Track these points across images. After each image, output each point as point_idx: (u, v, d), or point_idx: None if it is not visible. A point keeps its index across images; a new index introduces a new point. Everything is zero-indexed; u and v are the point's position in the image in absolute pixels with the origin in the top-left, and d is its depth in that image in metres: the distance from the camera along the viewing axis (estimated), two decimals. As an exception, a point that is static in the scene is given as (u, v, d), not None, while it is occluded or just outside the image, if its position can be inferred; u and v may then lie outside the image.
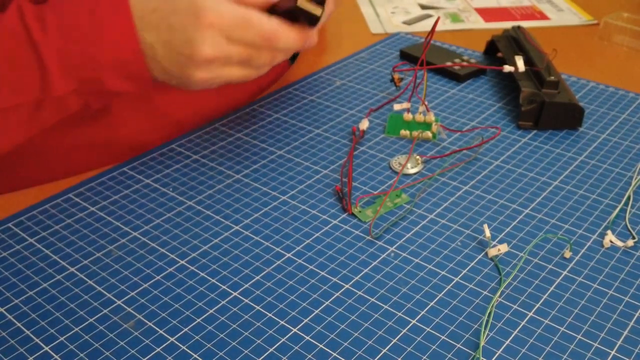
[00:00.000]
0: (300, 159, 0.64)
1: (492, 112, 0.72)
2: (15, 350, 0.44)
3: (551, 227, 0.55)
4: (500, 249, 0.51)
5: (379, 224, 0.55)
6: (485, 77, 0.80)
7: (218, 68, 0.53)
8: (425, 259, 0.52)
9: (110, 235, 0.54)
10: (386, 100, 0.74)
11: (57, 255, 0.52)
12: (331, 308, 0.47)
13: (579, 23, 0.98)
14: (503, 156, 0.64)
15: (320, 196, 0.59)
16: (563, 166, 0.63)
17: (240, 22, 0.52)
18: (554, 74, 0.70)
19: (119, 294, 0.48)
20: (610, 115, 0.71)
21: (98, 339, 0.45)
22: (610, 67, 0.84)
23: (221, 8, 0.51)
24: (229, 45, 0.52)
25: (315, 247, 0.53)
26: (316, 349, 0.44)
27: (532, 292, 0.48)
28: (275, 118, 0.71)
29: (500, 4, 1.06)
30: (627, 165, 0.63)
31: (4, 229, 0.55)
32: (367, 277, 0.50)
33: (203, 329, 0.45)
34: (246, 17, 0.52)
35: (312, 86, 0.78)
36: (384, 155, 0.64)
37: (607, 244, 0.53)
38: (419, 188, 0.60)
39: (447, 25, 0.97)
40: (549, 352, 0.44)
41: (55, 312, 0.47)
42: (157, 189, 0.59)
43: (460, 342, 0.44)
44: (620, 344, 0.44)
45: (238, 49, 0.53)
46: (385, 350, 0.44)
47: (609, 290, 0.49)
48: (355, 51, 0.87)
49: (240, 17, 0.52)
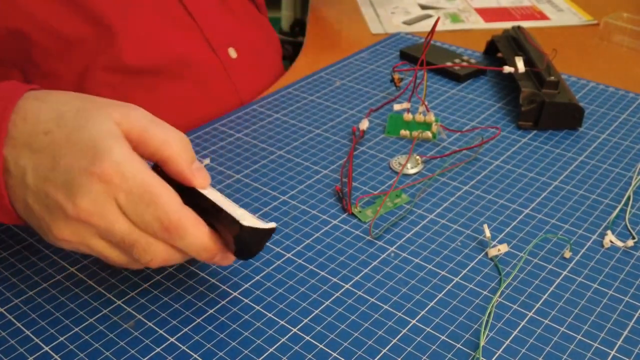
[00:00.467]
0: (300, 159, 0.64)
1: (492, 112, 0.72)
2: (15, 350, 0.44)
3: (551, 227, 0.55)
4: (500, 249, 0.51)
5: (379, 224, 0.55)
6: (485, 77, 0.80)
7: (90, 235, 0.42)
8: (425, 259, 0.52)
9: (110, 235, 0.54)
10: (386, 100, 0.74)
11: (57, 255, 0.52)
12: (331, 308, 0.47)
13: (579, 23, 0.98)
14: (503, 156, 0.64)
15: (320, 196, 0.59)
16: (563, 166, 0.63)
17: (143, 193, 0.41)
18: (554, 74, 0.70)
19: (119, 294, 0.48)
20: (610, 115, 0.71)
21: (98, 339, 0.45)
22: (610, 67, 0.84)
23: (126, 167, 0.41)
24: (115, 214, 0.41)
25: (315, 247, 0.53)
26: (316, 349, 0.44)
27: (532, 292, 0.48)
28: (275, 118, 0.71)
29: (500, 4, 1.06)
30: (627, 165, 0.63)
31: (4, 229, 0.55)
32: (367, 277, 0.50)
33: (203, 329, 0.45)
34: (154, 190, 0.41)
35: (312, 86, 0.78)
36: (384, 155, 0.64)
37: (607, 244, 0.53)
38: (419, 188, 0.60)
39: (447, 25, 0.97)
40: (549, 352, 0.44)
41: (55, 312, 0.47)
42: (157, 189, 0.59)
43: (460, 342, 0.44)
44: (620, 344, 0.44)
45: (125, 225, 0.41)
46: (385, 350, 0.44)
47: (609, 290, 0.49)
48: (355, 51, 0.87)
49: (146, 187, 0.41)
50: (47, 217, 0.42)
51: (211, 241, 0.43)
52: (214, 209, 0.44)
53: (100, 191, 0.40)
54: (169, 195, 0.42)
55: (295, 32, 1.49)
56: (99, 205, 0.41)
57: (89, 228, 0.41)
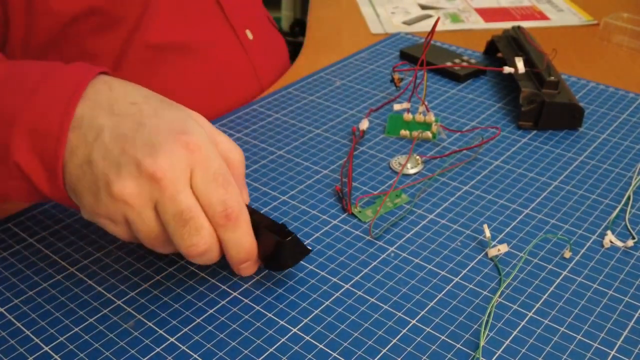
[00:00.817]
0: (300, 159, 0.64)
1: (492, 112, 0.72)
2: (15, 350, 0.44)
3: (551, 227, 0.55)
4: (500, 249, 0.51)
5: (379, 224, 0.55)
6: (485, 77, 0.80)
7: (149, 200, 0.42)
8: (425, 259, 0.51)
9: (110, 235, 0.54)
10: (386, 100, 0.74)
11: (57, 255, 0.52)
12: (331, 308, 0.47)
13: (579, 23, 0.98)
14: (503, 156, 0.64)
15: (320, 196, 0.59)
16: (563, 166, 0.63)
17: (218, 175, 0.43)
18: (554, 74, 0.70)
19: (119, 294, 0.48)
20: (610, 115, 0.71)
21: (98, 339, 0.45)
22: (610, 67, 0.84)
23: (210, 148, 0.43)
24: (185, 184, 0.42)
25: (315, 247, 0.53)
26: (316, 349, 0.44)
27: (532, 292, 0.48)
28: (275, 118, 0.71)
29: (500, 4, 1.06)
30: (627, 165, 0.63)
31: (4, 229, 0.55)
32: (367, 277, 0.50)
33: (203, 329, 0.45)
34: (228, 178, 0.43)
35: (312, 86, 0.78)
36: (384, 155, 0.64)
37: (607, 244, 0.53)
38: (419, 188, 0.60)
39: (447, 25, 0.97)
40: (549, 352, 0.44)
41: (55, 312, 0.47)
42: (157, 189, 0.59)
43: (460, 342, 0.44)
44: (620, 344, 0.44)
45: (190, 198, 0.42)
46: (385, 350, 0.44)
47: (609, 290, 0.49)
48: (355, 51, 0.87)
49: (223, 171, 0.43)
50: (113, 173, 0.42)
51: (253, 245, 0.45)
52: (259, 218, 0.46)
53: (183, 157, 0.42)
54: (237, 188, 0.44)
55: (295, 32, 1.49)
56: (176, 170, 0.41)
57: (154, 191, 0.41)
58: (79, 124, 0.43)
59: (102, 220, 0.44)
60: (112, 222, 0.44)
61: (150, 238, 0.44)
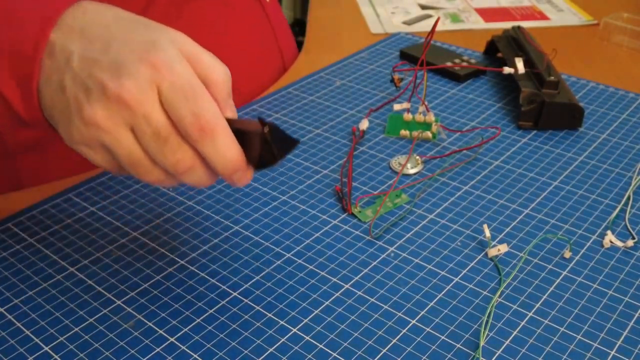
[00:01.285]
0: (300, 159, 0.64)
1: (492, 112, 0.72)
2: (15, 350, 0.44)
3: (551, 227, 0.55)
4: (500, 249, 0.51)
5: (379, 224, 0.55)
6: (485, 77, 0.80)
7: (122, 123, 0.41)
8: (425, 259, 0.52)
9: (110, 235, 0.54)
10: (386, 100, 0.74)
11: (57, 255, 0.52)
12: (331, 308, 0.47)
13: (579, 23, 0.98)
14: (503, 156, 0.64)
15: (320, 196, 0.59)
16: (563, 166, 0.63)
17: (187, 88, 0.41)
18: (554, 74, 0.70)
19: (119, 294, 0.48)
20: (610, 115, 0.71)
21: (98, 339, 0.45)
22: (610, 67, 0.84)
23: (178, 64, 0.41)
24: (154, 103, 0.41)
25: (315, 247, 0.53)
26: (316, 349, 0.44)
27: (532, 292, 0.48)
28: (275, 118, 0.71)
29: (500, 4, 1.06)
30: (627, 165, 0.63)
31: (4, 229, 0.55)
32: (367, 277, 0.50)
33: (203, 329, 0.45)
34: (198, 90, 0.41)
35: (312, 86, 0.78)
36: (384, 155, 0.64)
37: (607, 244, 0.53)
38: (419, 188, 0.60)
39: (447, 25, 0.97)
40: (549, 352, 0.44)
41: (55, 312, 0.47)
42: (157, 189, 0.59)
43: (460, 342, 0.44)
44: (620, 344, 0.44)
45: (162, 116, 0.41)
46: (385, 350, 0.44)
47: (609, 290, 0.49)
48: (355, 51, 0.87)
49: (192, 84, 0.41)
50: (83, 97, 0.41)
51: (238, 152, 0.42)
52: (241, 125, 0.43)
53: (147, 76, 0.40)
54: (210, 100, 0.42)
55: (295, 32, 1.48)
56: (142, 90, 0.40)
57: (124, 113, 0.41)
58: (52, 50, 0.42)
59: (82, 148, 0.43)
60: (91, 150, 0.43)
61: (133, 163, 0.43)
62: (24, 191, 0.60)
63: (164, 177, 0.44)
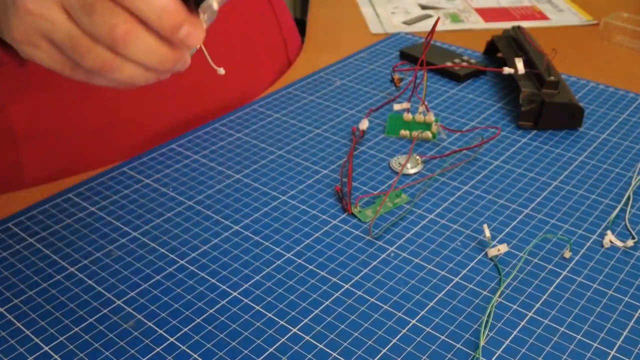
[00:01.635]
0: (300, 159, 0.64)
1: (492, 112, 0.72)
2: (15, 350, 0.44)
3: (551, 227, 0.55)
4: (500, 249, 0.51)
5: (379, 224, 0.55)
6: (485, 77, 0.80)
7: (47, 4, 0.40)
8: (425, 259, 0.52)
9: (110, 235, 0.54)
10: (386, 100, 0.74)
11: (57, 255, 0.52)
12: (331, 308, 0.47)
13: (579, 23, 0.98)
14: (503, 156, 0.64)
15: (320, 196, 0.59)
16: (563, 166, 0.63)
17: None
18: (554, 74, 0.70)
19: (119, 294, 0.48)
20: (610, 115, 0.71)
21: (98, 339, 0.45)
22: (610, 67, 0.84)
23: None
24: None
25: (315, 247, 0.53)
26: (316, 349, 0.44)
27: (532, 292, 0.48)
28: (275, 118, 0.71)
29: (500, 4, 1.06)
30: (627, 165, 0.63)
31: (4, 229, 0.55)
32: (367, 277, 0.50)
33: (203, 329, 0.45)
34: None
35: (312, 86, 0.78)
36: (384, 155, 0.64)
37: (607, 244, 0.53)
38: (419, 188, 0.60)
39: (447, 25, 0.97)
40: (549, 352, 0.44)
41: (55, 312, 0.47)
42: (157, 189, 0.59)
43: (460, 342, 0.44)
44: (620, 344, 0.44)
45: None
46: (385, 350, 0.44)
47: (608, 290, 0.49)
48: (355, 51, 0.87)
49: None
50: (2, 16, 0.42)
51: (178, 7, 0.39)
52: None
53: None
54: None
55: (295, 32, 1.48)
56: None
57: (36, 25, 0.40)
58: None
59: (27, 49, 0.43)
60: (35, 48, 0.42)
61: (74, 45, 0.41)
62: (23, 191, 0.60)
63: (111, 56, 0.41)
